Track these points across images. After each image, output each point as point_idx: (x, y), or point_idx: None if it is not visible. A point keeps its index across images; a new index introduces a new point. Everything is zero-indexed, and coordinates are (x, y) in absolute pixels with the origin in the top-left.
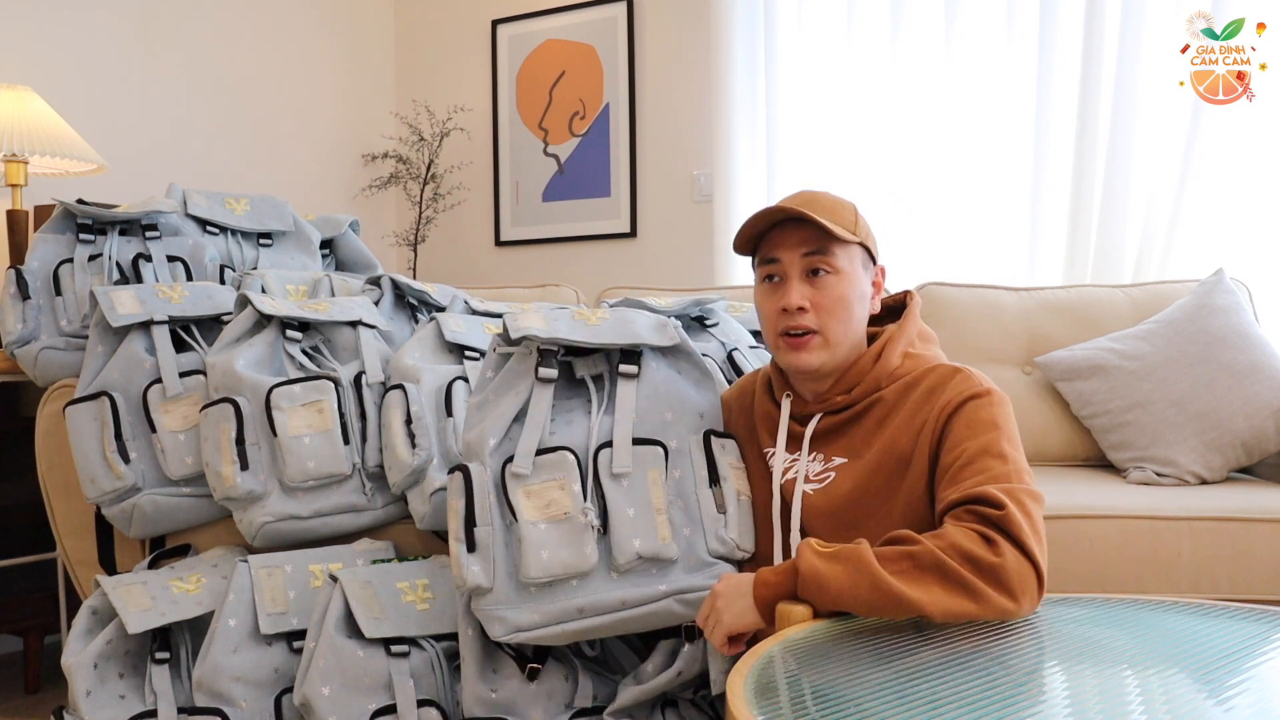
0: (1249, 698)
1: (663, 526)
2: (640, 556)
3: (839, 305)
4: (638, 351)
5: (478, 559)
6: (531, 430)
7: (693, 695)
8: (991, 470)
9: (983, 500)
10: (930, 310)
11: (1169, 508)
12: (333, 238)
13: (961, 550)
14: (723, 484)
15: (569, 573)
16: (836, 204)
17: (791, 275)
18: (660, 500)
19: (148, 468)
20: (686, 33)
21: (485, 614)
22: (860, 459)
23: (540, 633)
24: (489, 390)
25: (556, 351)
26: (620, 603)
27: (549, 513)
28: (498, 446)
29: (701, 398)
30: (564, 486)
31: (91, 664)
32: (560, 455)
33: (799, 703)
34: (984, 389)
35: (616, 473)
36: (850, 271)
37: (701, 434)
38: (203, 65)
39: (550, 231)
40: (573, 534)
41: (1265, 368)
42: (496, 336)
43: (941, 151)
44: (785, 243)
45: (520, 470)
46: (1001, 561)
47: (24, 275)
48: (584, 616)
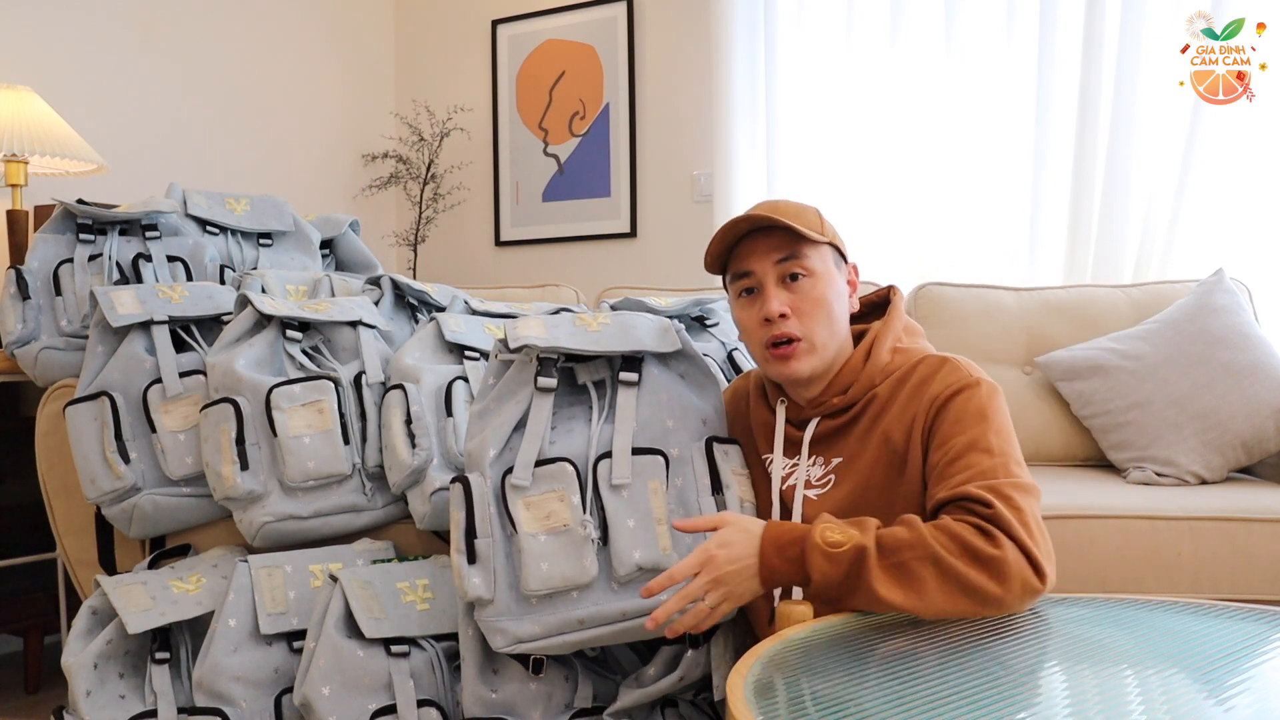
0: (1249, 698)
1: (663, 537)
2: (641, 568)
3: (819, 307)
4: (639, 358)
5: (479, 570)
6: (531, 441)
7: (693, 697)
8: (978, 466)
9: (968, 500)
10: (930, 310)
11: (1169, 508)
12: (333, 238)
13: (961, 541)
14: (725, 492)
15: (569, 585)
16: (800, 209)
17: (767, 284)
18: (661, 510)
19: (148, 468)
20: (686, 33)
21: (487, 625)
22: (859, 459)
23: (541, 644)
24: (490, 399)
25: (556, 360)
26: (621, 614)
27: (549, 524)
28: (498, 457)
29: (704, 403)
30: (563, 498)
31: (91, 664)
32: (560, 467)
33: (798, 703)
34: (972, 379)
35: (616, 484)
36: (825, 272)
37: (704, 441)
38: (203, 65)
39: (550, 231)
40: (572, 546)
41: (1265, 368)
42: (499, 343)
43: (941, 151)
44: (756, 252)
45: (520, 482)
46: (1001, 554)
47: (24, 275)
48: (585, 628)
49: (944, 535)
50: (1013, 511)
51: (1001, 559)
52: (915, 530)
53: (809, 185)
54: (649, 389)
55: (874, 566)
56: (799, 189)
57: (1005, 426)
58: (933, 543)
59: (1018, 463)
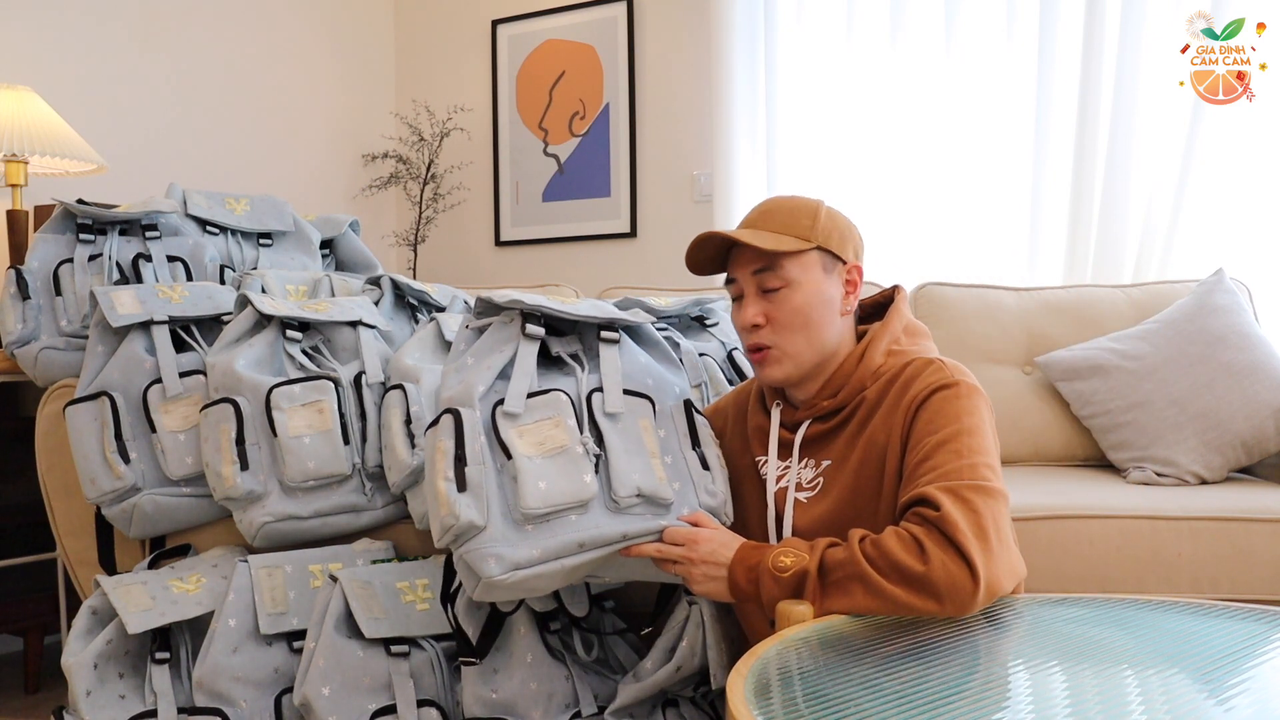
0: (1249, 698)
1: (658, 469)
2: (640, 493)
3: (794, 318)
4: (615, 327)
5: (469, 497)
6: (521, 376)
7: (693, 693)
8: (944, 467)
9: (922, 502)
10: (930, 310)
11: (1169, 508)
12: (333, 238)
13: (890, 559)
14: (704, 448)
15: (569, 502)
16: (792, 211)
17: (748, 293)
18: (654, 446)
19: (148, 468)
20: (686, 33)
21: (479, 553)
22: (846, 462)
23: (539, 569)
24: (467, 355)
25: (540, 318)
26: (622, 536)
27: (545, 448)
28: (485, 394)
29: (676, 379)
30: (559, 424)
31: (91, 664)
32: (553, 395)
33: (798, 703)
34: (951, 380)
35: (610, 411)
36: (805, 280)
37: (681, 401)
38: (203, 65)
39: (550, 231)
40: (571, 464)
41: (1265, 368)
42: (466, 315)
43: (941, 151)
44: (738, 261)
45: (513, 409)
46: (926, 571)
47: (24, 275)
48: (584, 551)
49: (876, 551)
50: (964, 513)
51: (924, 576)
52: (850, 549)
53: (809, 185)
54: (628, 354)
55: (813, 587)
56: (799, 189)
57: (980, 428)
58: (862, 561)
59: (989, 466)
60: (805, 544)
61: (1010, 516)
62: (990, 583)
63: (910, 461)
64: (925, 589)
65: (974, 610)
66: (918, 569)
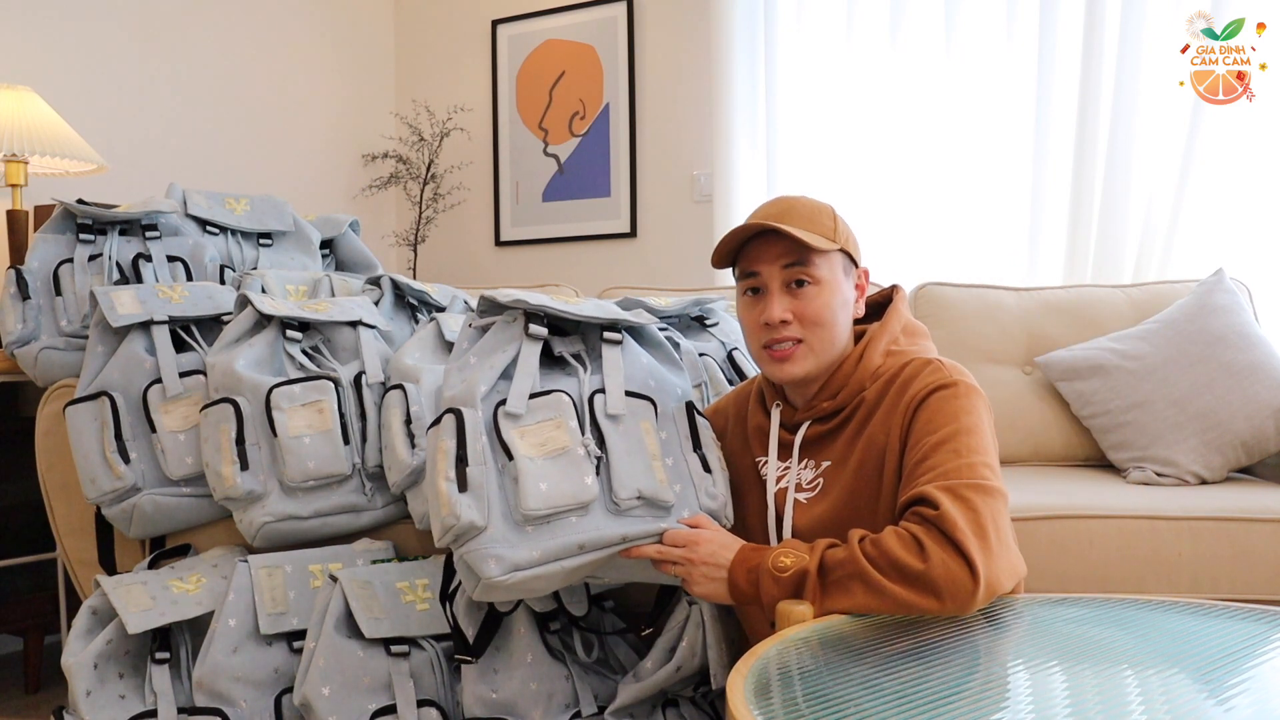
0: (1249, 698)
1: (659, 471)
2: (641, 495)
3: (822, 315)
4: (619, 328)
5: (470, 497)
6: (523, 377)
7: (693, 693)
8: (942, 466)
9: (921, 501)
10: (930, 310)
11: (1169, 508)
12: (333, 238)
13: (890, 558)
14: (705, 450)
15: (570, 503)
16: (815, 211)
17: (772, 288)
18: (655, 448)
19: (148, 468)
20: (686, 33)
21: (479, 554)
22: (846, 463)
23: (539, 570)
24: (469, 354)
25: (543, 319)
26: (622, 538)
27: (546, 449)
28: (489, 393)
29: (679, 380)
30: (560, 425)
31: (91, 664)
32: (555, 396)
33: (798, 703)
34: (950, 380)
35: (612, 413)
36: (831, 280)
37: (683, 404)
38: (203, 65)
39: (550, 231)
40: (572, 466)
41: (1265, 368)
42: (469, 314)
43: (941, 151)
44: (764, 255)
45: (515, 410)
46: (925, 569)
47: (24, 275)
48: (584, 552)
49: (875, 550)
50: (963, 512)
51: (924, 574)
52: (849, 548)
53: (809, 185)
54: (631, 355)
55: (813, 587)
56: (799, 189)
57: (978, 427)
58: (862, 560)
59: (988, 465)
60: (805, 545)
61: (1010, 516)
62: (990, 581)
63: (909, 461)
64: (925, 587)
65: (974, 608)
66: (917, 567)
